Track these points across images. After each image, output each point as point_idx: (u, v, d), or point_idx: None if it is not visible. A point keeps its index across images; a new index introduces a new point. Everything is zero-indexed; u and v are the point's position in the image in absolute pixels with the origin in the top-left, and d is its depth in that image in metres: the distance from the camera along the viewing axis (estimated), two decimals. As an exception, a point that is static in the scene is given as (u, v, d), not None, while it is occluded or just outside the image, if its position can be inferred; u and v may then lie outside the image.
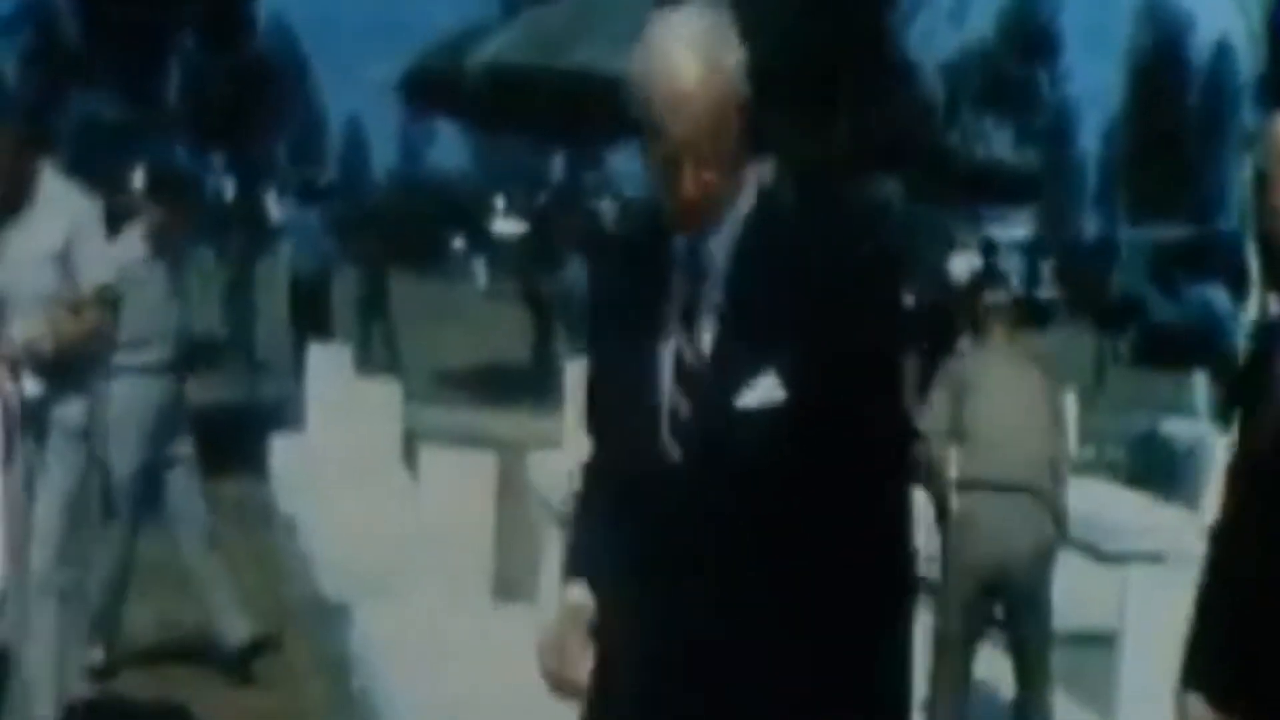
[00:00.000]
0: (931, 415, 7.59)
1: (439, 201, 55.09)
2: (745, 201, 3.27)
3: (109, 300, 6.57)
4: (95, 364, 6.71)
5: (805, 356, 3.16)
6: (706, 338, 3.24)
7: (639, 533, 3.27)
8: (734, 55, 3.19)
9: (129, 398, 8.16)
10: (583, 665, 3.35)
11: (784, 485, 3.17)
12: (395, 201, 46.81)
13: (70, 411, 6.49)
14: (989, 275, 21.63)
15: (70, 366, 6.47)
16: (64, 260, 6.46)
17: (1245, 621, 3.57)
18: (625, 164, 34.69)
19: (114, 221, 7.16)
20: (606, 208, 31.05)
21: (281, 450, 13.56)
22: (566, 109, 18.15)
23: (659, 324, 3.27)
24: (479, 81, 18.68)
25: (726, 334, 3.22)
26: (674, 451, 3.22)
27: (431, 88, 21.21)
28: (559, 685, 3.38)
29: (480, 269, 45.67)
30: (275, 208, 34.18)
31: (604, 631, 3.36)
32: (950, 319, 20.03)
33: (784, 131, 20.12)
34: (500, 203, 56.08)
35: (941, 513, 7.49)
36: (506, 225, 48.43)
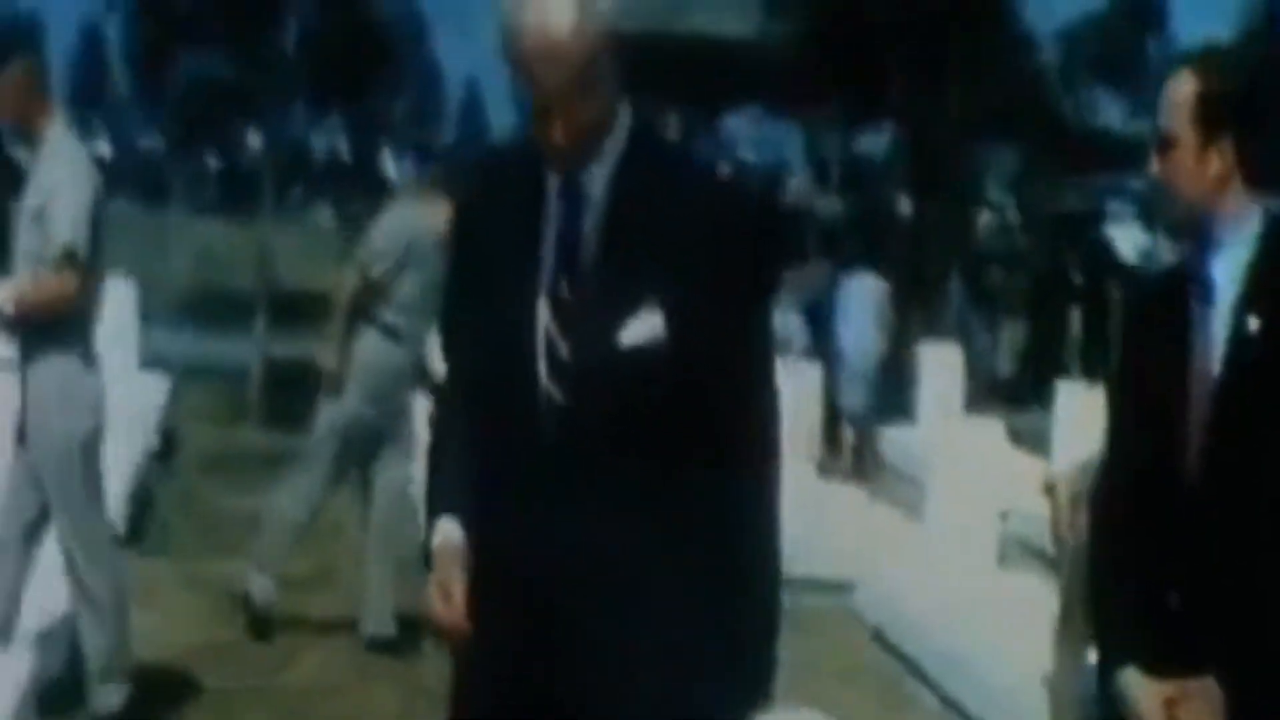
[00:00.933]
0: (1068, 477, 7.61)
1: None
2: (619, 138, 3.22)
3: (74, 262, 6.28)
4: (75, 326, 6.46)
5: (683, 293, 3.13)
6: (584, 272, 3.18)
7: (521, 470, 3.21)
8: None
9: (368, 352, 8.30)
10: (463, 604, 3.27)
11: (663, 420, 3.14)
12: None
13: (51, 373, 6.35)
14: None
15: (45, 329, 6.32)
16: (41, 219, 6.30)
17: (1160, 584, 3.48)
18: (741, 128, 34.67)
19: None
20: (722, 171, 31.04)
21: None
22: (681, 73, 18.24)
23: (532, 259, 3.21)
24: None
25: (606, 268, 3.17)
26: (556, 393, 3.17)
27: (548, 50, 21.39)
28: (449, 628, 3.28)
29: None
30: (392, 167, 34.32)
31: (481, 567, 3.29)
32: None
33: (899, 95, 20.15)
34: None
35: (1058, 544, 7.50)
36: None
